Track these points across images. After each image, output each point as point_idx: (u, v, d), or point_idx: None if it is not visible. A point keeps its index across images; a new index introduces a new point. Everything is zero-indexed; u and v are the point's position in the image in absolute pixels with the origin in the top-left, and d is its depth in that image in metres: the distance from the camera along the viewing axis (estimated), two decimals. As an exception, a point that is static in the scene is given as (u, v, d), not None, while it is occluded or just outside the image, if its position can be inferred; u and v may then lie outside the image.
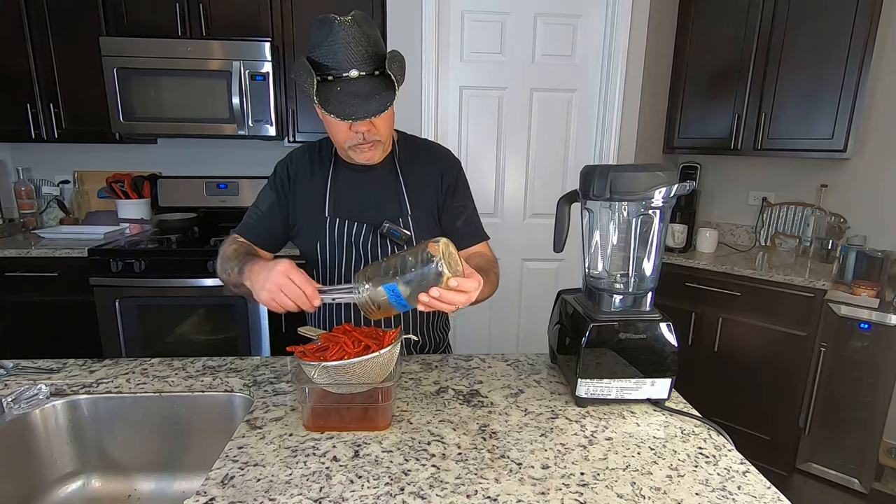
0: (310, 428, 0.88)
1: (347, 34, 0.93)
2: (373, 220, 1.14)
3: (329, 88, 0.95)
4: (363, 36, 0.95)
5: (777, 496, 0.74)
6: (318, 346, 0.91)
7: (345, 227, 1.14)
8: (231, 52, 2.33)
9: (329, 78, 0.95)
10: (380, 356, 0.85)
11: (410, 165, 1.17)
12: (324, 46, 0.94)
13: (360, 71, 0.95)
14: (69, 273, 2.26)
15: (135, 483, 1.02)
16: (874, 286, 2.04)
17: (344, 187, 1.16)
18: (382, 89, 0.96)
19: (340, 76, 0.95)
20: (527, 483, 0.76)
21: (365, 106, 0.94)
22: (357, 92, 0.95)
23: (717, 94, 2.51)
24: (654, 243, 0.97)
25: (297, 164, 1.20)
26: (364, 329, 0.94)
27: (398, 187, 1.16)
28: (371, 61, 0.96)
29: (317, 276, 1.20)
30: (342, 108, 0.94)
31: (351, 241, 1.15)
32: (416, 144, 1.23)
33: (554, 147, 2.50)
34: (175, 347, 2.33)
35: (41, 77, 2.41)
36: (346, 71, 0.94)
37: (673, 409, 0.98)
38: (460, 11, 2.33)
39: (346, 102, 0.94)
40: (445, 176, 1.19)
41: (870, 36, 2.11)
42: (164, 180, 2.79)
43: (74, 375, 1.08)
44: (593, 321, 0.96)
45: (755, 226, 2.75)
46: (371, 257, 1.15)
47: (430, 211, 1.18)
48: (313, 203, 1.16)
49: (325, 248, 1.16)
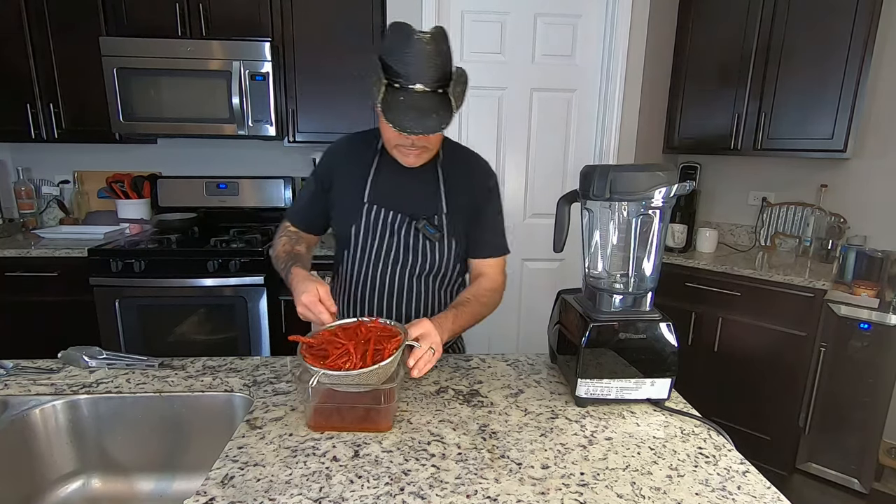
0: (312, 427, 0.88)
1: (423, 50, 0.97)
2: (409, 213, 1.18)
3: (393, 95, 1.00)
4: (437, 53, 0.99)
5: (777, 496, 0.75)
6: (321, 338, 0.93)
7: (381, 214, 1.19)
8: (231, 52, 2.33)
9: (395, 85, 1.00)
10: (380, 368, 0.85)
11: (451, 170, 1.21)
12: (397, 55, 0.99)
13: (426, 86, 0.99)
14: (69, 273, 2.26)
15: (135, 483, 1.02)
16: (874, 286, 2.04)
17: (386, 177, 1.20)
18: (442, 108, 1.00)
19: (406, 87, 0.99)
20: (527, 483, 0.76)
21: (422, 122, 0.98)
22: (418, 105, 0.99)
23: (716, 94, 2.50)
24: (654, 243, 0.97)
25: (341, 151, 1.26)
26: (373, 327, 0.95)
27: (437, 188, 1.20)
28: (438, 78, 1.00)
29: (347, 259, 1.24)
30: (400, 119, 0.98)
31: (385, 229, 1.19)
32: (460, 152, 1.27)
33: (554, 147, 2.50)
34: (175, 347, 2.33)
35: (41, 77, 2.41)
36: (413, 83, 0.99)
37: (673, 409, 0.98)
38: (460, 11, 2.33)
39: (405, 114, 0.98)
40: (482, 186, 1.23)
41: (870, 36, 2.11)
42: (164, 180, 2.79)
43: (74, 375, 1.08)
44: (593, 321, 0.96)
45: (755, 226, 2.75)
46: (403, 247, 1.19)
47: (463, 216, 1.22)
48: (354, 188, 1.20)
49: (359, 232, 1.20)
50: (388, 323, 0.99)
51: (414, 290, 1.22)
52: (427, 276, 1.22)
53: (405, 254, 1.19)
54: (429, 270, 1.21)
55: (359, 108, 2.52)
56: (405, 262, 1.20)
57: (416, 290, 1.22)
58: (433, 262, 1.20)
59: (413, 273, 1.21)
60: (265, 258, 2.30)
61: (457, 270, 1.26)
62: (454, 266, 1.24)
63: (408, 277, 1.21)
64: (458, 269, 1.26)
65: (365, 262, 1.21)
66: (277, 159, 2.88)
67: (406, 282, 1.21)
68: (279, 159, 2.88)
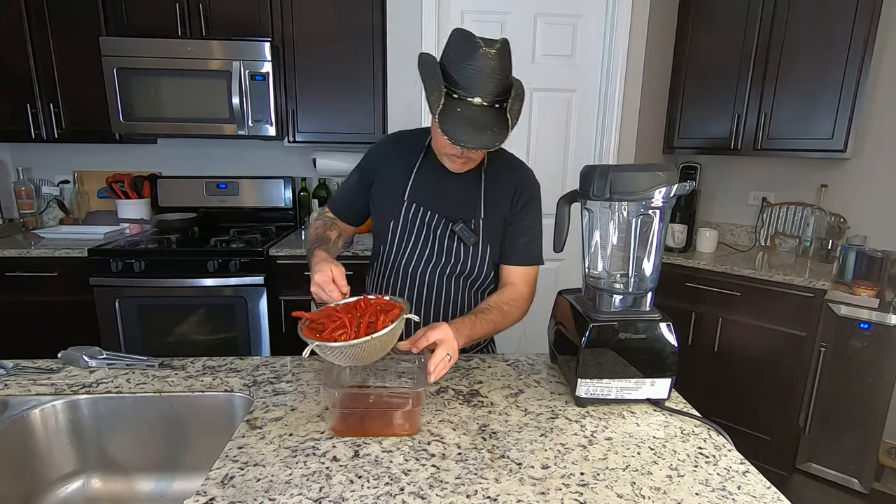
0: (338, 432, 0.87)
1: (486, 65, 0.97)
2: (447, 214, 1.20)
3: (450, 106, 0.99)
4: (500, 69, 0.98)
5: (777, 496, 0.75)
6: (321, 314, 0.94)
7: (419, 213, 1.21)
8: (231, 52, 2.33)
9: (454, 96, 0.99)
10: (373, 339, 0.85)
11: (494, 176, 1.22)
12: (459, 66, 0.98)
13: (484, 100, 0.99)
14: (69, 273, 2.26)
15: (135, 483, 1.02)
16: (874, 286, 2.04)
17: (427, 178, 1.22)
18: (498, 124, 0.99)
19: (464, 99, 0.99)
20: (527, 483, 0.76)
21: (477, 137, 0.97)
22: (474, 119, 0.98)
23: (716, 94, 2.50)
24: (654, 243, 0.97)
25: (387, 148, 1.28)
26: (375, 302, 0.97)
27: (478, 192, 1.20)
28: (497, 93, 1.00)
29: (383, 253, 1.27)
30: (456, 132, 0.97)
31: (422, 228, 1.21)
32: (505, 158, 1.27)
33: (554, 147, 2.50)
34: (175, 347, 2.33)
35: (41, 77, 2.41)
36: (472, 97, 0.98)
37: (673, 409, 0.98)
38: (460, 11, 2.33)
39: (461, 127, 0.98)
40: (523, 194, 1.23)
41: (870, 36, 2.11)
42: (164, 180, 2.79)
43: (74, 375, 1.08)
44: (593, 321, 0.96)
45: (755, 226, 2.75)
46: (438, 247, 1.21)
47: (501, 222, 1.22)
48: (395, 185, 1.22)
49: (396, 228, 1.22)
50: (391, 299, 0.99)
51: (444, 290, 1.23)
52: (459, 278, 1.23)
53: (439, 254, 1.21)
54: (461, 272, 1.22)
55: (359, 108, 2.52)
56: (438, 261, 1.21)
57: (448, 290, 1.23)
58: (466, 265, 1.21)
59: (445, 273, 1.22)
60: (265, 258, 2.30)
61: (490, 276, 1.26)
62: (487, 271, 1.24)
63: (440, 277, 1.22)
64: (492, 276, 1.26)
65: (400, 258, 1.23)
66: (277, 159, 2.88)
67: (437, 281, 1.22)
68: (279, 159, 2.88)
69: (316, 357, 1.18)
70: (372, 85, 2.50)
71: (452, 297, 1.24)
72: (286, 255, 2.35)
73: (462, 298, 1.25)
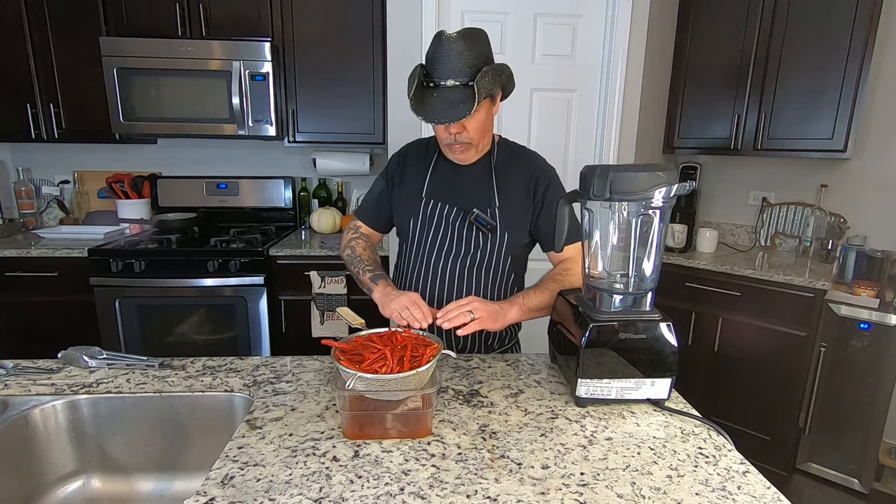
0: (348, 436, 0.87)
1: (451, 48, 1.06)
2: (463, 206, 1.27)
3: (427, 94, 1.10)
4: (467, 50, 1.07)
5: (777, 496, 0.75)
6: (355, 343, 0.94)
7: (437, 207, 1.28)
8: (231, 52, 2.33)
9: (430, 85, 1.09)
10: (417, 374, 0.86)
11: (504, 168, 1.29)
12: (432, 57, 1.09)
13: (455, 81, 1.08)
14: (69, 273, 2.26)
15: (135, 483, 1.02)
16: (874, 286, 2.04)
17: (442, 176, 1.30)
18: (469, 99, 1.07)
19: (438, 84, 1.09)
20: (527, 483, 0.76)
21: (450, 112, 1.07)
22: (448, 99, 1.08)
23: (717, 95, 2.50)
24: (654, 243, 0.97)
25: (408, 154, 1.37)
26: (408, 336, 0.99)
27: (490, 184, 1.27)
28: (468, 73, 1.07)
29: (405, 251, 1.35)
30: (430, 112, 1.08)
31: (441, 221, 1.28)
32: (515, 151, 1.34)
33: (554, 147, 2.50)
34: (175, 347, 2.33)
35: (41, 77, 2.41)
36: (444, 80, 1.08)
37: (673, 409, 0.98)
38: (460, 11, 2.33)
39: (435, 107, 1.08)
40: (541, 178, 1.29)
41: (870, 36, 2.10)
42: (164, 180, 2.79)
43: (74, 375, 1.08)
44: (593, 321, 0.96)
45: (755, 226, 2.75)
46: (457, 238, 1.27)
47: (517, 209, 1.28)
48: (414, 186, 1.31)
49: (416, 225, 1.30)
50: (422, 334, 1.01)
51: (465, 281, 1.28)
52: (479, 268, 1.28)
53: (458, 244, 1.27)
54: (479, 261, 1.27)
55: (359, 108, 2.52)
56: (457, 252, 1.27)
57: (468, 280, 1.28)
58: (484, 253, 1.27)
59: (465, 264, 1.27)
60: (265, 258, 2.30)
61: (508, 264, 1.30)
62: (505, 259, 1.29)
63: (461, 269, 1.27)
64: (510, 264, 1.30)
65: (422, 253, 1.30)
66: (277, 159, 2.88)
67: (458, 272, 1.27)
68: (279, 159, 2.88)
69: (315, 357, 1.18)
70: (372, 85, 2.50)
71: (474, 289, 1.28)
72: (286, 255, 2.35)
73: (482, 290, 1.29)
